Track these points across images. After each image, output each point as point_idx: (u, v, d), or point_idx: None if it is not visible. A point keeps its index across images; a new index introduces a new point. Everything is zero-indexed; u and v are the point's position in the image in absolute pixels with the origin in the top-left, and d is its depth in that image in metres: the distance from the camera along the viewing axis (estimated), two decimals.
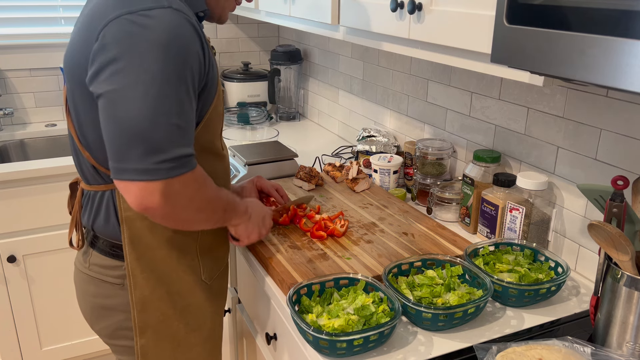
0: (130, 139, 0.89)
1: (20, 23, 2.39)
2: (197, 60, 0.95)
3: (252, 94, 2.57)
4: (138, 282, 1.09)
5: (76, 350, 2.23)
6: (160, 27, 0.90)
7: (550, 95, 1.26)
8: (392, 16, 1.22)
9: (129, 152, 0.89)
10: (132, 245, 1.07)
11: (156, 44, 0.89)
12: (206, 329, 1.21)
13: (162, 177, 0.90)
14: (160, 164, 0.90)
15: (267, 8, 1.94)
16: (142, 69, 0.88)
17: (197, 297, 1.17)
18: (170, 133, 0.90)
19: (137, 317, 1.11)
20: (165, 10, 0.91)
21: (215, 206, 1.04)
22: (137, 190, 0.91)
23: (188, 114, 0.94)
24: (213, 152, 1.13)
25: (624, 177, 0.90)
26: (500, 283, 1.08)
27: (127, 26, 0.89)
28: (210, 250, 1.18)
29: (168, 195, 0.92)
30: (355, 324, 0.97)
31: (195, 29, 0.96)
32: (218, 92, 1.08)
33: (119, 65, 0.89)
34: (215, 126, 1.11)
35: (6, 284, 2.04)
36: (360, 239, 1.33)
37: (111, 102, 0.90)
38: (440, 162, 1.58)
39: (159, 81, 0.89)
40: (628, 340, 0.92)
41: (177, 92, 0.91)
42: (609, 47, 0.68)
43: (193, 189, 0.96)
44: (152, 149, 0.89)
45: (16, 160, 2.36)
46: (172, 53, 0.90)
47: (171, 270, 1.12)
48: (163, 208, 0.93)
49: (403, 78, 1.82)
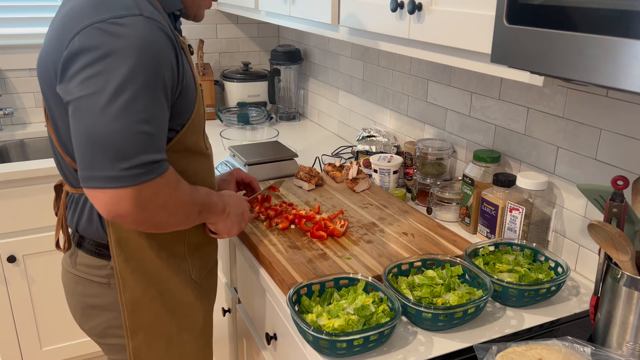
0: (97, 146, 0.88)
1: (20, 23, 2.39)
2: (169, 69, 0.94)
3: (252, 94, 2.57)
4: (128, 283, 1.09)
5: (76, 350, 2.23)
6: (131, 36, 0.89)
7: (550, 95, 1.26)
8: (392, 16, 1.22)
9: (96, 160, 0.88)
10: (120, 247, 1.07)
11: (126, 52, 0.88)
12: (198, 327, 1.22)
13: (130, 183, 0.89)
14: (127, 171, 0.89)
15: (267, 8, 1.94)
16: (111, 77, 0.87)
17: (188, 296, 1.18)
18: (138, 140, 0.89)
19: (128, 318, 1.11)
20: (136, 19, 0.90)
21: (189, 210, 1.04)
22: (106, 198, 0.90)
23: (159, 121, 0.93)
24: (198, 152, 1.13)
25: (624, 177, 0.90)
26: (500, 283, 1.08)
27: (97, 34, 0.88)
28: (198, 249, 1.19)
29: (139, 202, 0.91)
30: (355, 324, 0.97)
31: (168, 36, 0.95)
32: (197, 94, 1.07)
33: (88, 73, 0.88)
34: (199, 126, 1.11)
35: (6, 284, 2.04)
36: (360, 239, 1.33)
37: (79, 110, 0.89)
38: (440, 162, 1.58)
39: (129, 89, 0.88)
40: (628, 340, 0.92)
41: (146, 100, 0.90)
42: (609, 47, 0.68)
43: (165, 194, 0.95)
44: (120, 156, 0.88)
45: (16, 160, 2.36)
46: (142, 61, 0.89)
47: (161, 270, 1.12)
48: (135, 215, 0.92)
49: (403, 78, 1.82)
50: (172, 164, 1.02)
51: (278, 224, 1.38)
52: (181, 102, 1.01)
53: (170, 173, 0.97)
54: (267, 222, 1.39)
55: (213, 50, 2.70)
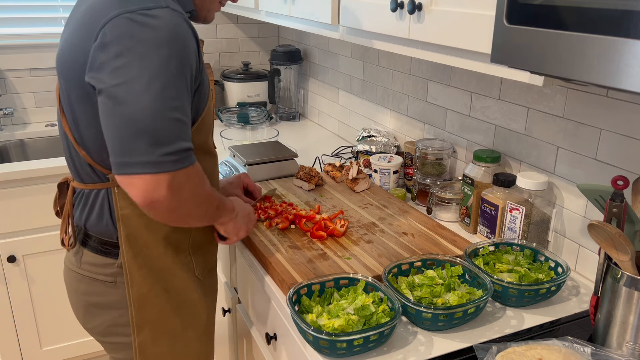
0: (135, 132, 0.89)
1: (20, 23, 2.39)
2: (194, 58, 0.97)
3: (252, 94, 2.57)
4: (135, 279, 1.10)
5: (76, 350, 2.23)
6: (161, 26, 0.91)
7: (550, 95, 1.26)
8: (392, 16, 1.22)
9: (134, 146, 0.90)
10: (129, 243, 1.08)
11: (157, 42, 0.90)
12: (202, 324, 1.23)
13: (168, 169, 0.91)
14: (165, 157, 0.91)
15: (267, 8, 1.94)
16: (144, 65, 0.89)
17: (192, 293, 1.19)
18: (174, 126, 0.92)
19: (134, 314, 1.12)
20: (164, 10, 0.93)
21: (211, 201, 1.06)
22: (142, 184, 0.91)
23: (187, 110, 0.96)
24: (206, 151, 1.15)
25: (624, 177, 0.90)
26: (500, 283, 1.08)
27: (127, 24, 0.91)
28: (201, 247, 1.20)
29: (174, 188, 0.93)
30: (355, 324, 0.97)
31: (192, 29, 0.98)
32: (209, 93, 1.10)
33: (121, 62, 0.90)
34: (209, 125, 1.13)
35: (6, 284, 2.04)
36: (360, 239, 1.33)
37: (114, 97, 0.90)
38: (440, 162, 1.58)
39: (162, 77, 0.90)
40: (628, 340, 0.92)
41: (178, 88, 0.93)
42: (609, 47, 0.68)
43: (195, 182, 0.97)
44: (157, 142, 0.90)
45: (16, 160, 2.36)
46: (172, 51, 0.92)
47: (167, 267, 1.13)
48: (170, 201, 0.93)
49: (403, 78, 1.82)
50: None
51: (278, 224, 1.38)
52: (197, 96, 1.03)
53: (197, 163, 0.99)
54: (267, 222, 1.40)
55: (213, 50, 2.70)
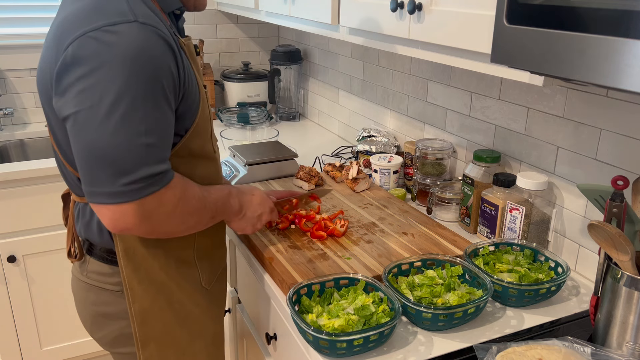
0: (97, 162, 0.87)
1: (20, 23, 2.39)
2: (168, 74, 0.91)
3: (252, 94, 2.57)
4: (136, 293, 1.07)
5: (76, 350, 2.23)
6: (125, 43, 0.85)
7: (550, 95, 1.26)
8: (392, 16, 1.22)
9: (97, 176, 0.87)
10: (127, 257, 1.05)
11: (121, 61, 0.85)
12: (209, 335, 1.20)
13: (132, 198, 0.88)
14: (128, 186, 0.87)
15: (267, 8, 1.94)
16: (106, 89, 0.85)
17: (198, 304, 1.15)
18: (138, 154, 0.87)
19: (138, 330, 1.08)
20: (130, 25, 0.87)
21: (200, 216, 1.02)
22: (110, 213, 0.89)
23: (162, 130, 0.91)
24: (205, 156, 1.10)
25: (624, 177, 0.90)
26: (500, 283, 1.08)
27: (90, 44, 0.85)
28: (207, 254, 1.16)
29: (143, 215, 0.90)
30: (355, 324, 0.97)
31: (165, 40, 0.91)
32: (202, 97, 1.04)
33: (82, 85, 0.85)
34: (205, 130, 1.08)
35: (6, 284, 2.04)
36: (360, 239, 1.33)
37: (76, 124, 0.87)
38: (440, 162, 1.58)
39: (125, 100, 0.85)
40: (628, 340, 0.92)
41: (145, 110, 0.87)
42: (609, 47, 0.68)
43: (171, 203, 0.94)
44: (119, 171, 0.87)
45: (16, 160, 2.36)
46: (137, 70, 0.86)
47: (170, 279, 1.10)
48: (140, 227, 0.91)
49: (403, 78, 1.82)
50: (177, 169, 1.00)
51: (278, 224, 1.38)
52: (183, 106, 0.98)
53: (176, 181, 0.95)
54: (267, 223, 1.39)
55: (213, 50, 2.70)
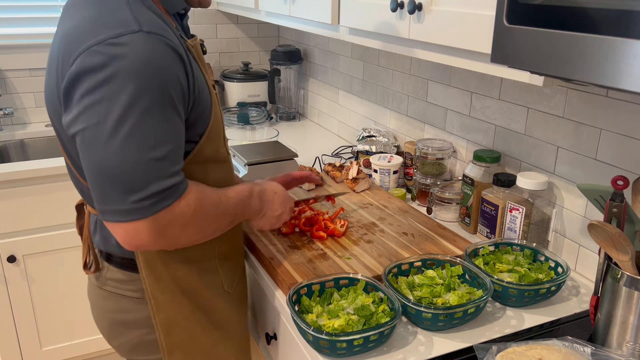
0: (106, 180, 0.85)
1: (20, 23, 2.39)
2: (177, 84, 0.88)
3: (252, 94, 2.57)
4: (160, 303, 1.05)
5: (76, 350, 2.23)
6: (131, 56, 0.83)
7: (550, 95, 1.26)
8: (392, 16, 1.22)
9: (107, 194, 0.86)
10: (149, 268, 1.03)
11: (126, 75, 0.82)
12: (235, 338, 1.19)
13: (144, 215, 0.86)
14: (139, 203, 0.85)
15: (267, 8, 1.94)
16: (113, 104, 0.82)
17: (222, 309, 1.14)
18: (147, 169, 0.85)
19: (163, 339, 1.08)
20: (135, 36, 0.84)
21: (218, 223, 1.00)
22: (122, 231, 0.87)
23: (172, 142, 0.89)
24: (218, 160, 1.07)
25: (624, 177, 0.90)
26: (500, 283, 1.08)
27: (95, 58, 0.83)
28: (227, 259, 1.15)
29: (157, 231, 0.88)
30: (355, 324, 0.97)
31: (173, 48, 0.88)
32: (213, 100, 1.02)
33: (89, 101, 0.83)
34: (218, 133, 1.05)
35: (6, 284, 2.04)
36: (360, 239, 1.33)
37: (84, 142, 0.85)
38: (440, 162, 1.58)
39: (132, 115, 0.83)
40: (628, 340, 0.92)
41: (153, 123, 0.85)
42: (609, 47, 0.68)
43: (186, 215, 0.91)
44: (129, 189, 0.84)
45: (16, 160, 2.36)
46: (144, 83, 0.83)
47: (193, 287, 1.08)
48: (156, 243, 0.89)
49: (403, 78, 1.82)
50: (192, 177, 0.97)
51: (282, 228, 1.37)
52: (195, 113, 0.96)
53: (190, 192, 0.92)
54: None
55: (213, 50, 2.70)
